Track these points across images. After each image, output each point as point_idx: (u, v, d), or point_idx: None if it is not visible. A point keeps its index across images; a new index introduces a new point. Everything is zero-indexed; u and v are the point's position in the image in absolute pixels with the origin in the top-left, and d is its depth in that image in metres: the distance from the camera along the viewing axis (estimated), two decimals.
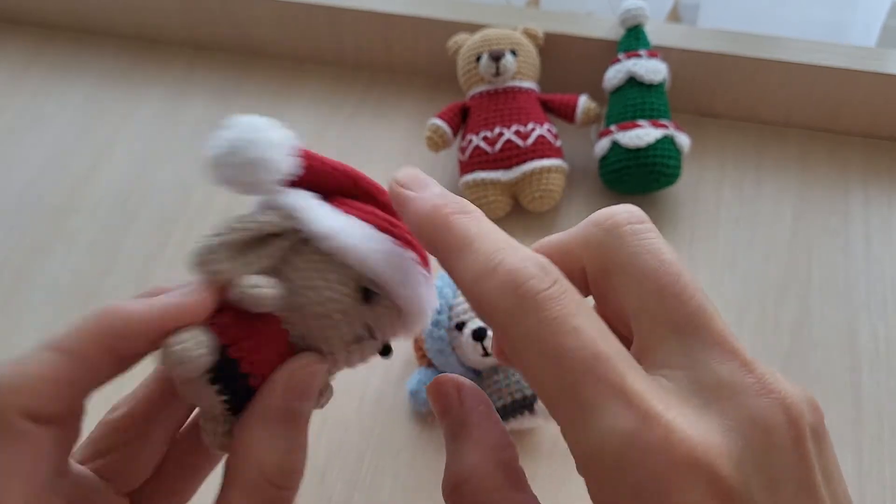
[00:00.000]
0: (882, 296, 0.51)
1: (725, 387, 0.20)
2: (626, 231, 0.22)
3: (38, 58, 0.70)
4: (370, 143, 0.61)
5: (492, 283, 0.20)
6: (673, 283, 0.21)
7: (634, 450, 0.18)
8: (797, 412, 0.20)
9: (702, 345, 0.20)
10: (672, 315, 0.21)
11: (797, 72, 0.57)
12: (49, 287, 0.55)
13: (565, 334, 0.19)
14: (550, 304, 0.20)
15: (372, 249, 0.25)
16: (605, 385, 0.19)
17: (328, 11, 0.64)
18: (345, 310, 0.24)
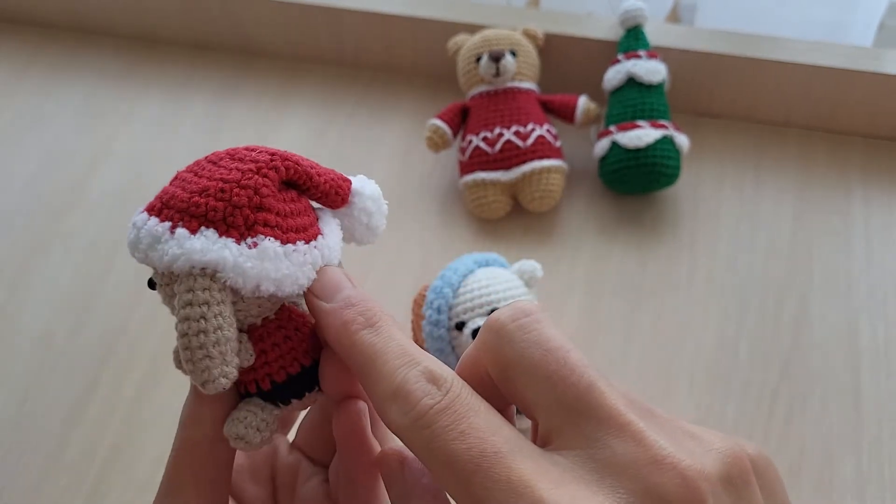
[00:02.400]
0: (882, 295, 0.51)
1: (619, 461, 0.20)
2: (510, 329, 0.23)
3: (37, 58, 0.70)
4: (370, 143, 0.61)
5: (395, 406, 0.22)
6: (560, 369, 0.22)
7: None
8: (695, 480, 0.20)
9: (596, 422, 0.21)
10: (563, 399, 0.22)
11: (796, 72, 0.57)
12: (49, 287, 0.55)
13: (453, 440, 0.21)
14: (440, 416, 0.21)
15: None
16: (492, 480, 0.20)
17: (328, 11, 0.64)
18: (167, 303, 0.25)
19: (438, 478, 0.21)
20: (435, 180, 0.59)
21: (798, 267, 0.53)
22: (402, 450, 0.25)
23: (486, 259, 0.47)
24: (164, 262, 0.24)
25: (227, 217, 0.23)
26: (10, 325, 0.53)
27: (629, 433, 0.21)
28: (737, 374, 0.49)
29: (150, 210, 0.25)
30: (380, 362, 0.23)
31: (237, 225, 0.23)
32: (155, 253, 0.24)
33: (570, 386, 0.22)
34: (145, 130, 0.64)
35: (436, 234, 0.56)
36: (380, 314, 0.24)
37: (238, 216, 0.23)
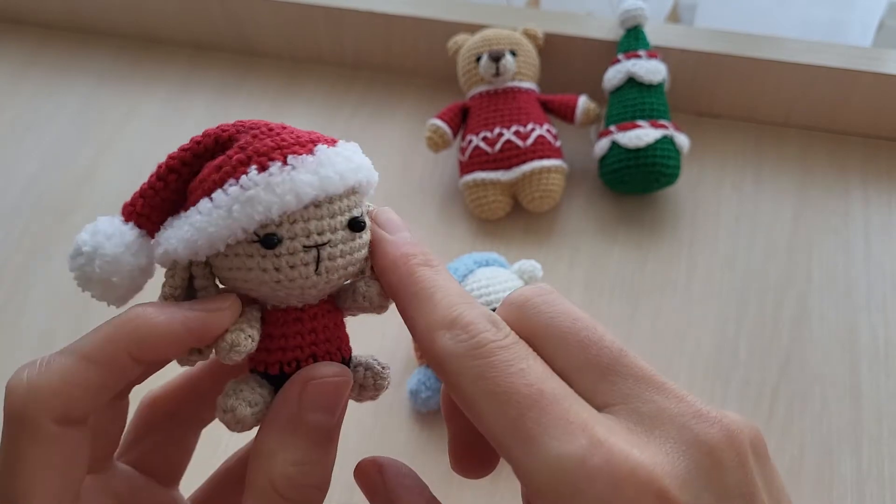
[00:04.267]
0: (882, 295, 0.51)
1: (665, 414, 0.21)
2: (537, 302, 0.24)
3: (38, 58, 0.70)
4: (370, 144, 0.61)
5: (449, 333, 0.22)
6: (591, 334, 0.23)
7: (581, 474, 0.19)
8: (737, 433, 0.21)
9: (634, 380, 0.22)
10: (599, 361, 0.22)
11: (796, 72, 0.57)
12: (49, 287, 0.55)
13: (512, 374, 0.21)
14: (501, 351, 0.22)
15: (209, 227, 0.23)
16: (549, 417, 0.20)
17: (328, 12, 0.64)
18: (278, 267, 0.24)
19: (483, 408, 0.21)
20: (435, 180, 0.59)
21: (798, 267, 0.53)
22: (376, 458, 0.25)
23: (486, 259, 0.47)
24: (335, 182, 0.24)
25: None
26: (10, 325, 0.53)
27: (669, 390, 0.22)
28: (737, 373, 0.49)
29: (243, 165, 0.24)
30: (439, 294, 0.23)
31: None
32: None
33: (603, 348, 0.22)
34: (145, 130, 0.64)
35: (436, 234, 0.56)
36: (439, 260, 0.25)
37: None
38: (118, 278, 0.24)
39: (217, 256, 0.24)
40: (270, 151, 0.23)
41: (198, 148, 0.25)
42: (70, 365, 0.22)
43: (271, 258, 0.23)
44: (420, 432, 0.46)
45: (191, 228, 0.23)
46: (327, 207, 0.24)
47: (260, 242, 0.23)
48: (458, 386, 0.22)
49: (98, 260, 0.24)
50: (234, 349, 0.23)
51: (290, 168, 0.23)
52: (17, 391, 0.22)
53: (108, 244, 0.24)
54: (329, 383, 0.24)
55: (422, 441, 0.46)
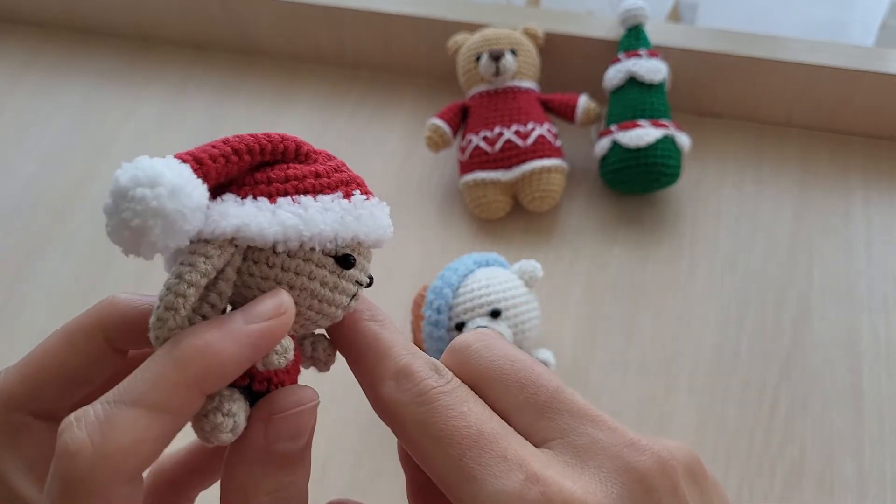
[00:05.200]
0: (883, 296, 0.51)
1: (598, 445, 0.22)
2: (478, 347, 0.24)
3: (37, 58, 0.70)
4: (370, 143, 0.61)
5: (395, 383, 0.23)
6: (529, 374, 0.23)
7: None
8: (668, 460, 0.22)
9: (569, 415, 0.23)
10: (537, 399, 0.23)
11: (797, 71, 0.57)
12: (48, 287, 0.55)
13: (453, 417, 0.22)
14: (443, 396, 0.23)
15: (321, 223, 0.23)
16: (488, 455, 0.21)
17: (328, 11, 0.63)
18: (335, 286, 0.24)
19: (427, 452, 0.22)
20: (435, 180, 0.59)
21: (798, 267, 0.53)
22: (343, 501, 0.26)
23: (486, 259, 0.47)
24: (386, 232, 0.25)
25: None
26: (10, 325, 0.53)
27: (602, 422, 0.23)
28: (737, 374, 0.48)
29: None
30: (384, 346, 0.24)
31: None
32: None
33: (540, 387, 0.23)
34: (145, 130, 0.64)
35: (436, 234, 0.56)
36: (384, 315, 0.25)
37: None
38: (162, 244, 0.21)
39: (280, 255, 0.23)
40: (363, 185, 0.24)
41: (280, 145, 0.24)
42: (138, 420, 0.20)
43: (336, 277, 0.23)
44: None
45: (293, 218, 0.22)
46: (370, 254, 0.25)
47: (335, 259, 0.23)
48: (405, 432, 0.23)
49: (161, 224, 0.20)
50: (284, 356, 0.23)
51: (382, 205, 0.25)
52: (82, 455, 0.19)
53: (178, 198, 0.20)
54: (295, 414, 0.23)
55: None
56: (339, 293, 0.24)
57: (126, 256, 0.22)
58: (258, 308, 0.22)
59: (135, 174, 0.21)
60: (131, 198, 0.21)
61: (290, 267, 0.23)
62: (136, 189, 0.21)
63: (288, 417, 0.23)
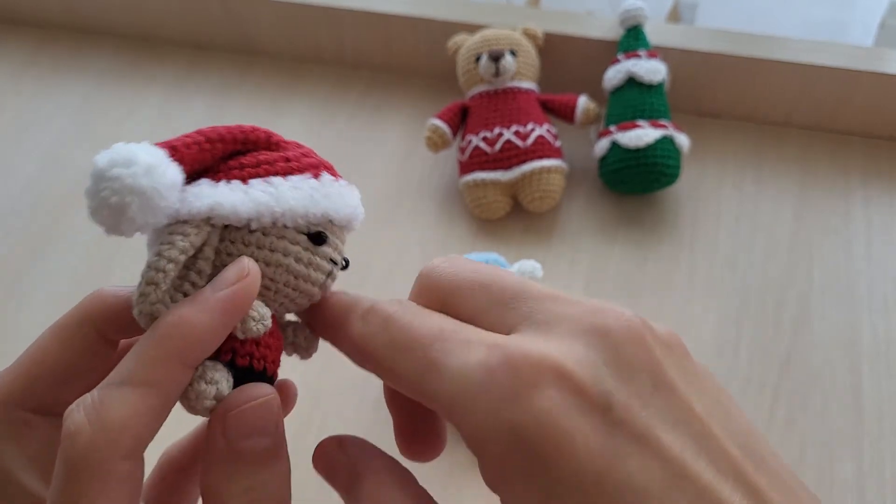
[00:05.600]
0: (883, 295, 0.51)
1: (563, 316, 0.21)
2: (444, 266, 0.25)
3: (37, 58, 0.70)
4: (370, 143, 0.61)
5: (361, 321, 0.24)
6: (491, 276, 0.23)
7: (481, 375, 0.20)
8: (634, 319, 0.21)
9: (534, 300, 0.22)
10: (502, 296, 0.23)
11: (797, 72, 0.57)
12: (48, 287, 0.55)
13: (413, 325, 0.22)
14: (404, 313, 0.23)
15: (291, 200, 0.24)
16: (450, 344, 0.21)
17: (328, 11, 0.63)
18: (310, 262, 0.25)
19: (397, 368, 0.22)
20: (435, 180, 0.59)
21: (798, 267, 0.53)
22: (336, 436, 0.25)
23: (486, 259, 0.47)
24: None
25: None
26: (10, 325, 0.53)
27: (568, 300, 0.22)
28: (737, 373, 0.48)
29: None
30: (351, 300, 0.25)
31: None
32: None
33: (505, 286, 0.23)
34: (145, 130, 0.64)
35: (436, 234, 0.56)
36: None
37: None
38: (141, 220, 0.22)
39: (255, 233, 0.24)
40: (332, 169, 0.26)
41: (252, 135, 0.25)
42: (129, 397, 0.21)
43: (311, 253, 0.25)
44: None
45: (264, 196, 0.23)
46: (344, 235, 0.26)
47: (308, 236, 0.24)
48: (378, 361, 0.23)
49: (147, 180, 0.22)
50: (262, 322, 0.24)
51: (351, 187, 0.26)
52: (81, 434, 0.21)
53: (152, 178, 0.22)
54: (249, 409, 0.23)
55: None
56: (315, 269, 0.25)
57: (108, 236, 0.23)
58: (223, 276, 0.23)
59: (111, 157, 0.22)
60: (108, 177, 0.22)
61: (265, 244, 0.24)
62: (113, 169, 0.22)
63: (244, 413, 0.23)
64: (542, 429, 0.19)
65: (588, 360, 0.20)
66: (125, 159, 0.22)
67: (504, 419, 0.19)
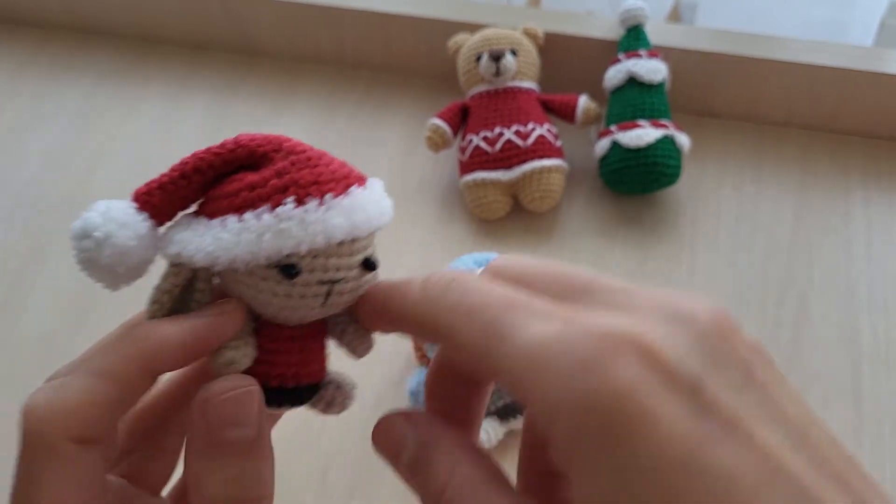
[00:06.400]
0: (883, 296, 0.51)
1: (642, 300, 0.20)
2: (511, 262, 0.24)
3: (37, 58, 0.70)
4: (370, 143, 0.61)
5: (421, 289, 0.23)
6: (562, 268, 0.23)
7: (558, 346, 0.19)
8: (720, 310, 0.20)
9: (608, 292, 0.21)
10: (574, 286, 0.22)
11: (797, 71, 0.57)
12: (49, 287, 0.55)
13: (484, 292, 0.21)
14: (470, 278, 0.22)
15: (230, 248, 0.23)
16: (522, 314, 0.20)
17: (328, 11, 0.63)
18: (288, 294, 0.24)
19: (460, 332, 0.21)
20: (435, 180, 0.59)
21: (799, 267, 0.53)
22: (399, 410, 0.25)
23: (486, 259, 0.47)
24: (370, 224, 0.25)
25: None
26: (10, 325, 0.53)
27: (643, 289, 0.21)
28: None
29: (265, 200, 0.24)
30: (404, 281, 0.24)
31: None
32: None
33: (576, 277, 0.22)
34: (145, 130, 0.64)
35: (436, 234, 0.56)
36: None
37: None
38: (124, 268, 0.24)
39: (229, 270, 0.24)
40: (308, 185, 0.24)
41: (230, 155, 0.25)
42: (85, 384, 0.22)
43: (286, 286, 0.24)
44: None
45: (214, 243, 0.23)
46: (348, 247, 0.24)
47: (279, 269, 0.23)
48: (435, 325, 0.22)
49: (108, 249, 0.23)
50: (232, 366, 0.24)
51: (325, 208, 0.23)
52: (34, 413, 0.22)
53: (121, 234, 0.24)
54: (227, 399, 0.23)
55: None
56: (301, 297, 0.24)
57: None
58: (207, 307, 0.25)
59: (80, 225, 0.24)
60: (78, 247, 0.24)
61: (239, 279, 0.24)
62: (81, 241, 0.24)
63: (222, 402, 0.23)
64: (623, 402, 0.17)
65: (675, 339, 0.19)
66: (83, 230, 0.24)
67: (580, 390, 0.18)
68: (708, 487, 0.16)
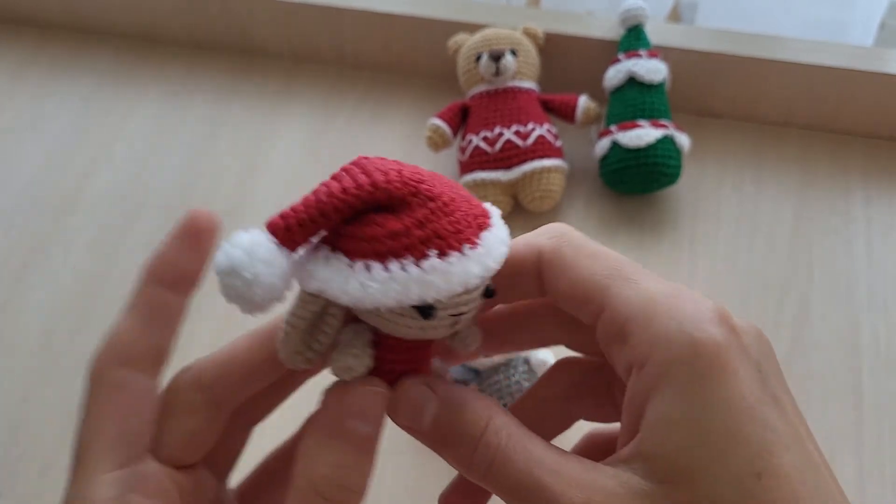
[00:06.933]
0: (883, 296, 0.51)
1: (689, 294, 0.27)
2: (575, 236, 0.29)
3: (36, 58, 0.70)
4: (370, 144, 0.61)
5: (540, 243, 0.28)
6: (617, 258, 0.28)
7: (670, 298, 0.25)
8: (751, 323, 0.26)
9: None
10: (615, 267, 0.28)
11: (797, 71, 0.57)
12: (49, 287, 0.55)
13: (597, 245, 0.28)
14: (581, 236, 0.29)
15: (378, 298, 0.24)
16: (636, 267, 0.28)
17: (328, 11, 0.63)
18: (423, 328, 0.25)
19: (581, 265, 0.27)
20: None
21: (798, 267, 0.53)
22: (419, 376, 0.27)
23: None
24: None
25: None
26: (10, 325, 0.53)
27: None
28: None
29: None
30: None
31: None
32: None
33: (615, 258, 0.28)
34: (145, 130, 0.64)
35: None
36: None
37: None
38: (267, 302, 0.25)
39: None
40: (449, 237, 0.24)
41: (369, 197, 0.25)
42: (119, 319, 0.27)
43: (421, 322, 0.25)
44: None
45: (361, 290, 0.24)
46: (476, 286, 0.25)
47: (418, 310, 0.25)
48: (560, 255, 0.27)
49: (257, 288, 0.24)
50: (349, 372, 0.25)
51: (465, 259, 0.25)
52: (97, 351, 0.27)
53: (267, 273, 0.24)
54: (367, 392, 0.25)
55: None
56: (431, 330, 0.25)
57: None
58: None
59: (223, 263, 0.25)
60: (222, 284, 0.25)
61: (379, 314, 0.25)
62: (222, 277, 0.25)
63: (359, 395, 0.25)
64: (719, 352, 0.23)
65: (745, 328, 0.25)
66: (230, 268, 0.24)
67: (686, 332, 0.23)
68: (760, 433, 0.22)
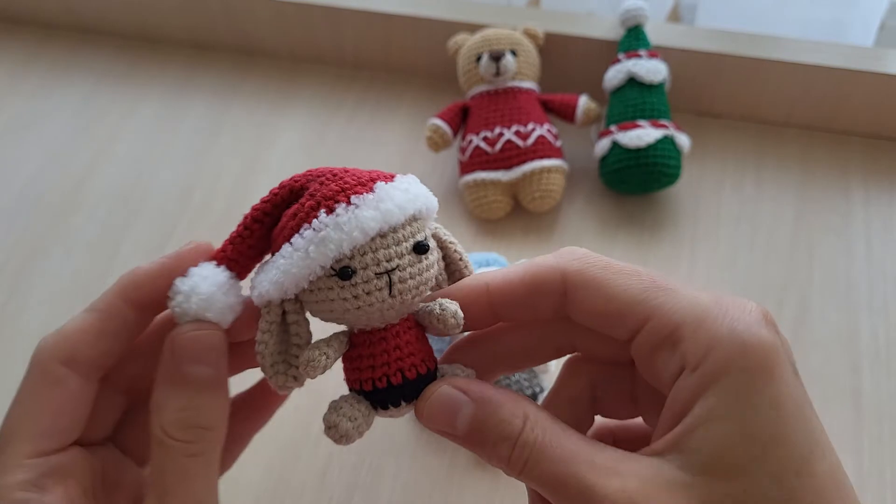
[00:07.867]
0: (883, 296, 0.51)
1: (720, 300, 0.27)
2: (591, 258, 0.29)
3: (37, 58, 0.70)
4: (370, 143, 0.61)
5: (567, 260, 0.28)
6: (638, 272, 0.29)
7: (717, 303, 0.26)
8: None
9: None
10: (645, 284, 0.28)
11: (797, 71, 0.57)
12: (49, 287, 0.55)
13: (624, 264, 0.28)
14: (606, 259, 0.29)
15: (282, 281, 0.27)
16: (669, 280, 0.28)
17: (328, 11, 0.63)
18: (356, 295, 0.26)
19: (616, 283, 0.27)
20: (435, 180, 0.59)
21: (799, 267, 0.53)
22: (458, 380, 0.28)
23: (486, 259, 0.47)
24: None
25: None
26: (10, 325, 0.53)
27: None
28: None
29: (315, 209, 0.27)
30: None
31: None
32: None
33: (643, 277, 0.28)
34: (145, 130, 0.64)
35: None
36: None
37: None
38: (212, 314, 0.27)
39: (304, 292, 0.27)
40: (335, 195, 0.26)
41: (275, 199, 0.28)
42: (77, 316, 0.28)
43: (349, 288, 0.26)
44: (420, 432, 0.46)
45: (277, 271, 0.26)
46: (392, 236, 0.27)
47: (337, 275, 0.26)
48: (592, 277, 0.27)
49: (194, 297, 0.27)
50: (310, 364, 0.26)
51: (354, 207, 0.26)
52: (39, 344, 0.28)
53: (203, 284, 0.27)
54: (193, 336, 0.27)
55: (422, 441, 0.46)
56: (365, 295, 0.26)
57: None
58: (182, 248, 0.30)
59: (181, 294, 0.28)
60: (170, 304, 0.28)
61: (315, 299, 0.27)
62: (171, 298, 0.28)
63: (188, 340, 0.27)
64: (766, 354, 0.24)
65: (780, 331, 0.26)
66: (175, 288, 0.28)
67: (737, 333, 0.24)
68: (803, 434, 0.25)
